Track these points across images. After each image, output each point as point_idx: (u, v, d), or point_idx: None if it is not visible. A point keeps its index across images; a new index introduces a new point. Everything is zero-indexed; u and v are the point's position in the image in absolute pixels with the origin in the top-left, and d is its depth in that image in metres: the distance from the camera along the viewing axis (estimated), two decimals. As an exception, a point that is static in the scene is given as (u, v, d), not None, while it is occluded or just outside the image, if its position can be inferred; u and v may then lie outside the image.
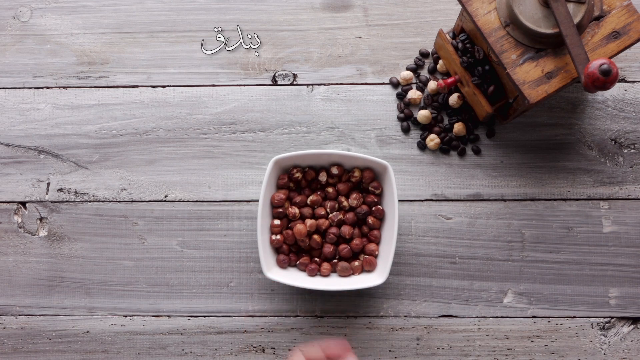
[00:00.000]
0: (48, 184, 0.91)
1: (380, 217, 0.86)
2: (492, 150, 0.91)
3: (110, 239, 0.90)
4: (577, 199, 0.90)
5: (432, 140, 0.90)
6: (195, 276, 0.89)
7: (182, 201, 0.91)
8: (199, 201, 0.90)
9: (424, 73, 0.92)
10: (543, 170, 0.90)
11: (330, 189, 0.86)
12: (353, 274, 0.85)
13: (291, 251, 0.86)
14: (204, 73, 0.92)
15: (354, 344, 0.88)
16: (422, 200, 0.90)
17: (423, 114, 0.89)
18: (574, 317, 0.88)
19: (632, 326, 0.88)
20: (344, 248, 0.85)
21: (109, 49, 0.93)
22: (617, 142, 0.90)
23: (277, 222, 0.85)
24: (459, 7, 0.92)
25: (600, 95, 0.91)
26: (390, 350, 0.88)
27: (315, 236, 0.85)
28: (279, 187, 0.86)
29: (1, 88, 0.93)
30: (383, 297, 0.89)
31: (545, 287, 0.88)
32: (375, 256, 0.85)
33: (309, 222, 0.85)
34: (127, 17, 0.94)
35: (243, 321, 0.89)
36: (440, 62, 0.91)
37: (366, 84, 0.92)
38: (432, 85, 0.89)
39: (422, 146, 0.90)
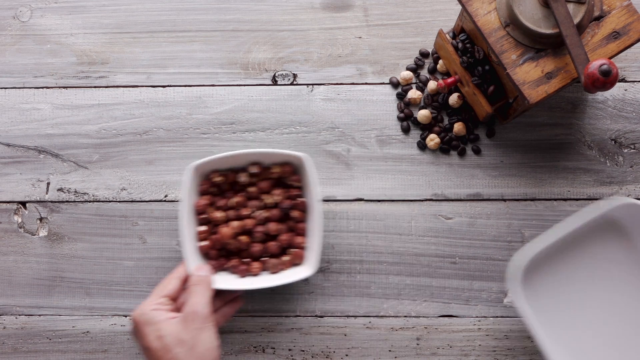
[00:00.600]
0: (48, 183, 0.91)
1: (304, 209, 0.85)
2: (492, 150, 0.91)
3: (110, 239, 0.90)
4: (577, 199, 0.90)
5: (432, 140, 0.90)
6: (195, 276, 0.90)
7: (182, 201, 0.91)
8: (199, 201, 0.90)
9: (424, 73, 0.92)
10: (543, 170, 0.90)
11: (252, 189, 0.86)
12: (283, 269, 0.85)
13: (221, 255, 0.85)
14: (204, 73, 0.92)
15: (354, 344, 0.88)
16: (422, 200, 0.90)
17: (423, 114, 0.90)
18: (574, 317, 0.88)
19: (632, 326, 0.88)
20: (272, 245, 0.85)
21: (109, 49, 0.93)
22: (617, 142, 0.90)
23: (202, 228, 0.84)
24: (459, 7, 0.92)
25: (600, 95, 0.91)
26: (390, 350, 0.88)
27: (242, 237, 0.85)
28: (201, 194, 0.86)
29: (1, 88, 0.93)
30: (383, 297, 0.89)
31: (545, 287, 0.88)
32: (304, 248, 0.85)
33: (234, 223, 0.84)
34: (127, 17, 0.94)
35: (243, 321, 0.89)
36: (440, 62, 0.91)
37: (366, 84, 0.92)
38: (432, 85, 0.89)
39: (422, 146, 0.90)
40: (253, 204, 0.85)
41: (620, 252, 0.82)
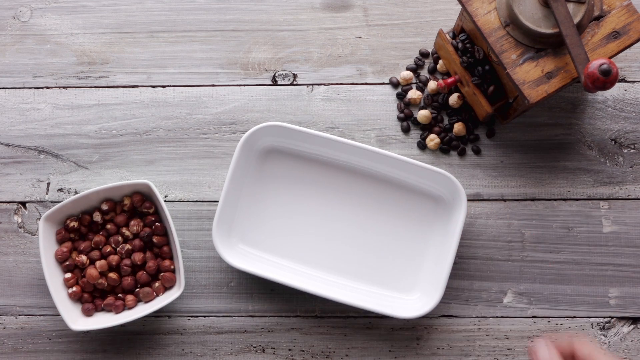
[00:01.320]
0: (48, 184, 0.91)
1: (162, 233, 0.87)
2: (492, 150, 0.91)
3: (110, 239, 0.90)
4: (577, 199, 0.90)
5: (432, 140, 0.90)
6: (195, 276, 0.89)
7: (182, 201, 0.91)
8: (199, 201, 0.90)
9: (424, 73, 0.92)
10: (543, 170, 0.90)
11: (109, 225, 0.87)
12: (157, 295, 0.86)
13: (95, 297, 0.86)
14: (204, 73, 0.92)
15: (354, 344, 0.88)
16: (422, 200, 0.90)
17: (423, 114, 0.89)
18: (574, 317, 0.88)
19: (632, 326, 0.88)
20: (141, 275, 0.86)
21: (109, 49, 0.93)
22: (617, 142, 0.90)
23: (68, 275, 0.85)
24: (459, 7, 0.92)
25: (600, 95, 0.91)
26: (390, 350, 0.88)
27: (111, 274, 0.86)
28: (61, 242, 0.86)
29: (1, 88, 0.93)
30: (383, 297, 0.89)
31: (545, 287, 0.88)
32: (173, 270, 0.86)
33: (98, 263, 0.85)
34: (127, 17, 0.94)
35: (243, 321, 0.89)
36: (440, 62, 0.91)
37: (366, 84, 0.92)
38: (432, 85, 0.89)
39: (422, 146, 0.90)
40: (113, 240, 0.86)
41: (289, 168, 0.89)
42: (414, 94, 0.90)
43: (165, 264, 0.86)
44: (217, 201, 0.90)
